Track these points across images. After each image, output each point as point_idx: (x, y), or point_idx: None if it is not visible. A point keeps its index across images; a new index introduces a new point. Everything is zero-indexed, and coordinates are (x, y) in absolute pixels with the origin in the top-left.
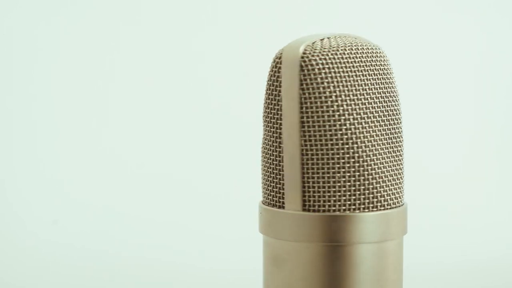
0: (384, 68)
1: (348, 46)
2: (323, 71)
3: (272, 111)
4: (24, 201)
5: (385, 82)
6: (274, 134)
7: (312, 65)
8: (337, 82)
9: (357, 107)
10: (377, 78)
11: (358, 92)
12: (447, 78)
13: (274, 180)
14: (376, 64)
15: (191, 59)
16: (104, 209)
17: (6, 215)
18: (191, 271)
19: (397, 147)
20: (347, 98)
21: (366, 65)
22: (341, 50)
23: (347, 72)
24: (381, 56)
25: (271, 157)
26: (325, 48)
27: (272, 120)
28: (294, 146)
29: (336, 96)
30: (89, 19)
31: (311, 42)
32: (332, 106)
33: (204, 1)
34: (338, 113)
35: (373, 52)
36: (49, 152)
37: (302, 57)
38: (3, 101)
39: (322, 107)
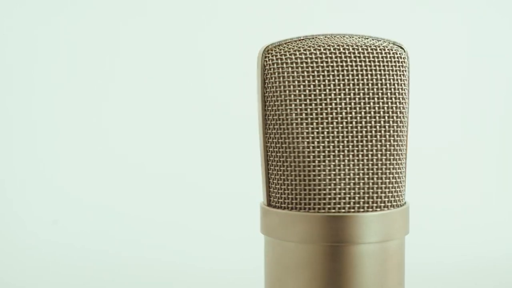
0: (384, 69)
1: (323, 46)
2: (277, 71)
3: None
4: (24, 201)
5: (381, 83)
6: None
7: (269, 64)
8: (289, 82)
9: (329, 107)
10: (366, 78)
11: (325, 92)
12: (446, 78)
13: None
14: (370, 65)
15: (191, 59)
16: (104, 209)
17: (6, 215)
18: (191, 271)
19: (399, 147)
20: (298, 98)
21: (345, 65)
22: (304, 49)
23: (303, 72)
24: (386, 57)
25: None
26: (289, 48)
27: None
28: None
29: (286, 96)
30: (89, 19)
31: (283, 42)
32: (291, 105)
33: (205, 0)
34: (284, 112)
35: (372, 53)
36: (49, 152)
37: (264, 57)
38: (3, 101)
39: (279, 106)
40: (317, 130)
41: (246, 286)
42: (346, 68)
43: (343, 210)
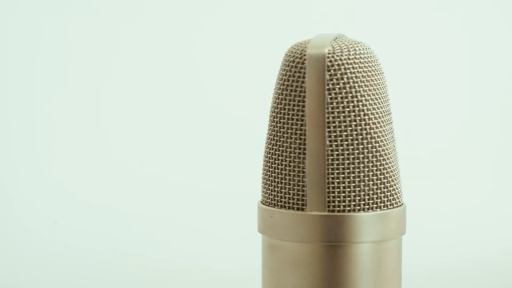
0: (379, 68)
1: (358, 46)
2: (349, 71)
3: (290, 111)
4: (24, 201)
5: (382, 82)
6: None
7: (338, 65)
8: (361, 82)
9: (376, 106)
10: (379, 78)
11: (375, 92)
12: (442, 78)
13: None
14: (375, 64)
15: (191, 59)
16: (104, 209)
17: (6, 214)
18: (190, 271)
19: (391, 145)
20: (369, 98)
21: (372, 65)
22: (358, 50)
23: (365, 72)
24: (374, 55)
25: (288, 158)
26: (345, 49)
27: (291, 121)
28: (320, 147)
29: (361, 96)
30: (89, 19)
31: (331, 42)
32: (358, 106)
33: (205, 0)
34: (363, 112)
35: (369, 52)
36: (49, 151)
37: (328, 57)
38: (3, 101)
39: (348, 107)
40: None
41: (244, 285)
42: (375, 67)
43: (339, 210)
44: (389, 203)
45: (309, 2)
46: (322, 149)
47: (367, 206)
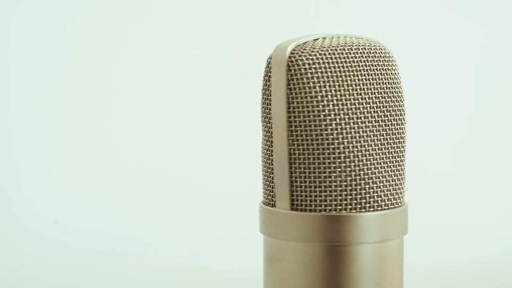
0: (387, 68)
1: (341, 45)
2: (309, 71)
3: (265, 110)
4: (24, 201)
5: (387, 82)
6: (267, 134)
7: (298, 65)
8: (324, 82)
9: (346, 107)
10: (377, 78)
11: (348, 92)
12: (445, 79)
13: (268, 179)
14: (378, 64)
15: (191, 59)
16: (104, 209)
17: (6, 214)
18: (191, 271)
19: (398, 147)
20: (334, 98)
21: (361, 65)
22: (331, 50)
23: (335, 72)
24: (384, 55)
25: (265, 156)
26: (314, 48)
27: (265, 120)
28: (283, 145)
29: (322, 96)
30: (89, 19)
31: (302, 42)
32: (318, 106)
33: (205, 0)
34: (323, 113)
35: (375, 51)
36: (49, 151)
37: (290, 57)
38: (3, 101)
39: (308, 107)
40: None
41: (244, 285)
42: (364, 68)
43: (342, 210)
44: (391, 203)
45: (310, 2)
46: (285, 148)
47: (339, 207)
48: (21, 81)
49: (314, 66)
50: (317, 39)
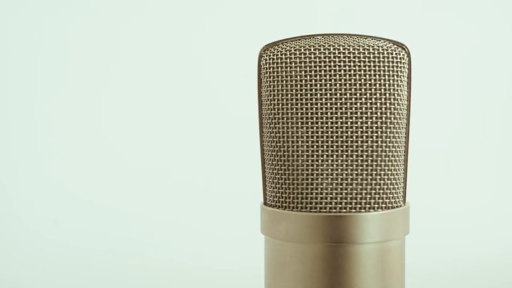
0: (380, 70)
1: (310, 46)
2: (272, 75)
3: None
4: (24, 201)
5: (378, 83)
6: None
7: (266, 68)
8: (283, 86)
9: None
10: (353, 79)
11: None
12: (446, 79)
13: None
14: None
15: (191, 59)
16: (104, 209)
17: (6, 214)
18: (191, 271)
19: (399, 148)
20: (289, 102)
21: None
22: (294, 50)
23: (294, 76)
24: (380, 58)
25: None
26: (286, 48)
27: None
28: (259, 146)
29: (277, 100)
30: (89, 19)
31: (280, 42)
32: (274, 110)
33: (205, 0)
34: (278, 116)
35: (364, 54)
36: (49, 151)
37: (261, 60)
38: (4, 101)
39: (268, 109)
40: (311, 130)
41: (244, 285)
42: (339, 69)
43: (344, 210)
44: (392, 203)
45: (310, 1)
46: (260, 148)
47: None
48: (21, 81)
49: (276, 69)
50: (299, 39)
